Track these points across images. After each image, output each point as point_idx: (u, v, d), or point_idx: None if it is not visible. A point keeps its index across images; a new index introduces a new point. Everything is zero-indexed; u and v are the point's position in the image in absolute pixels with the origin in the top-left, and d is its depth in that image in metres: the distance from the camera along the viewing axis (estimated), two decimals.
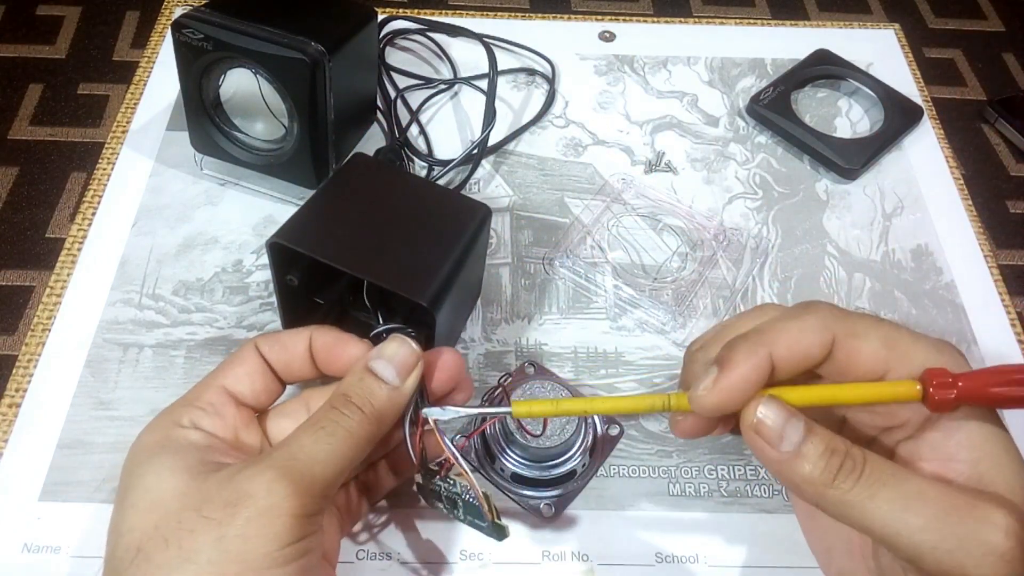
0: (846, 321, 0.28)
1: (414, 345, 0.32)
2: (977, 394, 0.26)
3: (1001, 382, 0.26)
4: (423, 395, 0.33)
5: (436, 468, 0.33)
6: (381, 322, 0.35)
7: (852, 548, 0.31)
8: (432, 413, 0.32)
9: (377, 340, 0.33)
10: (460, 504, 0.33)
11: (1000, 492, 0.26)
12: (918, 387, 0.27)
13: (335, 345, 0.33)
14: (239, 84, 0.45)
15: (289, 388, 0.35)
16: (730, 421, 0.33)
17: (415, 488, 0.34)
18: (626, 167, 0.53)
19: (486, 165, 0.52)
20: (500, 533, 0.32)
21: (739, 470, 0.40)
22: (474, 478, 0.32)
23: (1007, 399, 0.26)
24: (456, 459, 0.32)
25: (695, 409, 0.28)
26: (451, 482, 0.33)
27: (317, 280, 0.39)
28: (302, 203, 0.39)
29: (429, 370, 0.33)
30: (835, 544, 0.32)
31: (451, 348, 0.35)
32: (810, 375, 0.29)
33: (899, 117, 0.55)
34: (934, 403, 0.26)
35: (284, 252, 0.35)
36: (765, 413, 0.27)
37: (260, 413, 0.34)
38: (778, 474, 0.27)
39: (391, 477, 0.36)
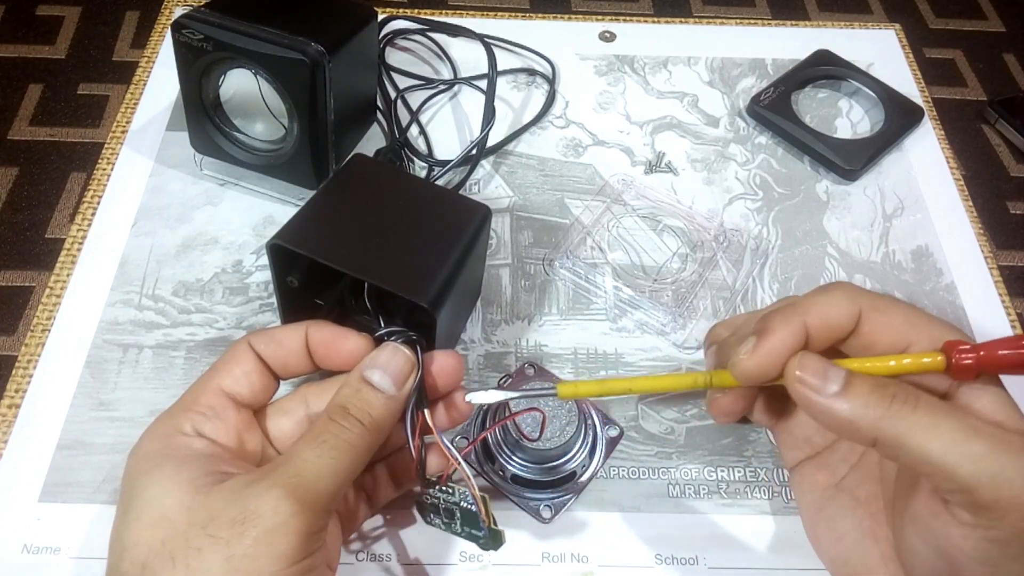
0: (870, 297, 0.30)
1: (407, 352, 0.32)
2: (995, 361, 0.27)
3: (1016, 347, 0.27)
4: (423, 397, 0.33)
5: (435, 479, 0.33)
6: (382, 324, 0.35)
7: (865, 532, 0.31)
8: (475, 398, 0.33)
9: (380, 343, 0.33)
10: (458, 514, 0.33)
11: None
12: (940, 357, 0.28)
13: (333, 340, 0.33)
14: (239, 84, 0.45)
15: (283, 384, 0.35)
16: (749, 404, 0.33)
17: (414, 507, 0.34)
18: (626, 168, 0.53)
19: (486, 165, 0.52)
20: (496, 541, 0.32)
21: (739, 472, 0.40)
22: (474, 482, 0.32)
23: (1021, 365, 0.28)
24: (453, 456, 0.32)
25: (736, 375, 0.29)
26: (450, 490, 0.33)
27: (317, 281, 0.39)
28: (302, 203, 0.39)
29: (428, 373, 0.33)
30: (847, 531, 0.32)
31: (451, 351, 0.34)
32: (835, 352, 0.30)
33: (899, 117, 0.55)
34: (958, 369, 0.28)
35: (284, 253, 0.35)
36: (805, 363, 0.28)
37: (258, 412, 0.34)
38: (829, 420, 0.28)
39: (391, 487, 0.36)
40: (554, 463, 0.37)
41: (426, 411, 0.32)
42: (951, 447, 0.26)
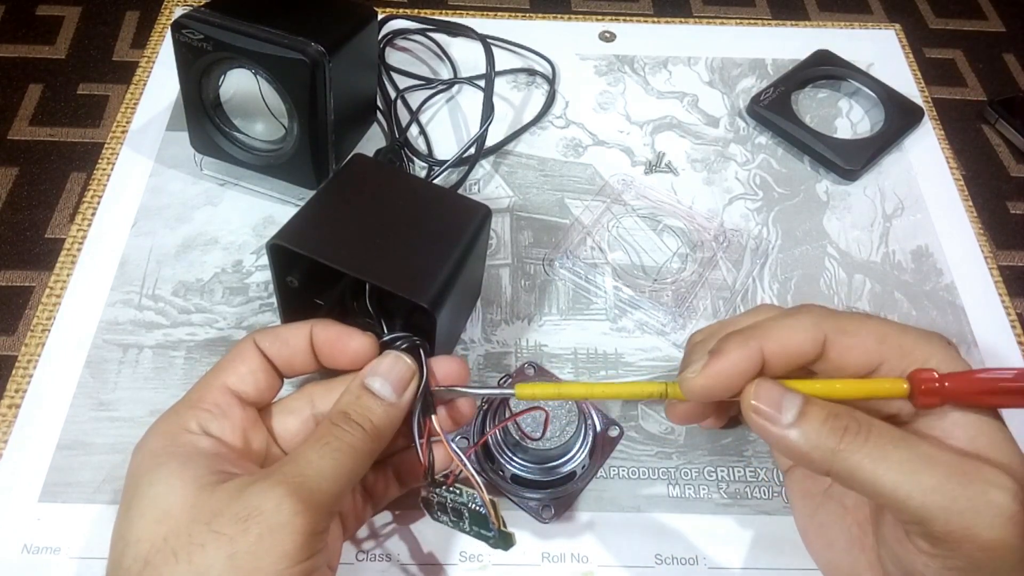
0: (837, 320, 0.29)
1: (409, 360, 0.32)
2: (962, 395, 0.27)
3: (985, 387, 0.27)
4: (429, 403, 0.33)
5: (442, 479, 0.33)
6: (383, 325, 0.35)
7: (853, 540, 0.31)
8: (437, 394, 0.33)
9: (386, 348, 0.33)
10: (466, 514, 0.33)
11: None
12: (905, 386, 0.28)
13: (338, 339, 0.33)
14: (239, 84, 0.45)
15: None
16: (723, 415, 0.33)
17: (420, 503, 0.34)
18: (626, 168, 0.53)
19: (486, 165, 0.52)
20: (507, 542, 0.32)
21: (739, 472, 0.40)
22: (482, 484, 0.31)
23: (989, 400, 0.27)
24: (463, 464, 0.32)
25: (683, 392, 0.29)
26: (457, 491, 0.32)
27: (317, 281, 0.38)
28: (302, 203, 0.39)
29: (432, 378, 0.33)
30: (836, 538, 0.32)
31: (455, 356, 0.34)
32: (806, 373, 0.30)
33: (899, 118, 0.55)
34: (920, 403, 0.27)
35: (284, 253, 0.35)
36: (760, 392, 0.28)
37: (262, 410, 0.34)
38: (785, 450, 0.28)
39: (395, 486, 0.36)
40: (554, 463, 0.37)
41: (433, 417, 0.32)
42: (902, 479, 0.25)
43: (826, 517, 0.33)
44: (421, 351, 0.33)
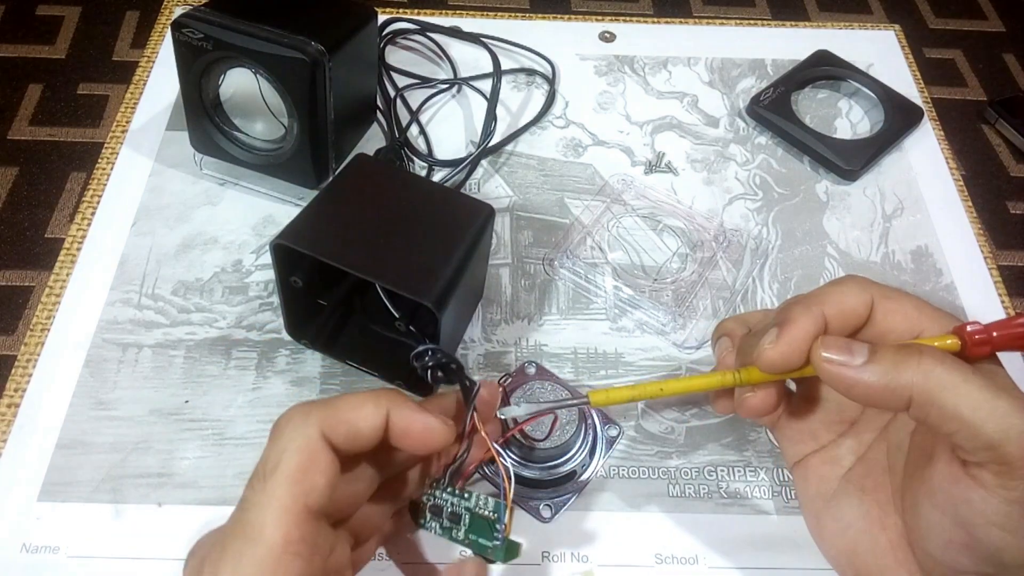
0: (880, 286, 0.31)
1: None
2: (1008, 337, 0.29)
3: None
4: (470, 402, 0.33)
5: (443, 481, 0.33)
6: (396, 328, 0.35)
7: (872, 521, 0.32)
8: (509, 412, 0.33)
9: (418, 359, 0.34)
10: (465, 520, 0.32)
11: None
12: (953, 339, 0.29)
13: (423, 431, 0.29)
14: (239, 84, 0.45)
15: None
16: (778, 401, 0.33)
17: (408, 508, 0.34)
18: (626, 168, 0.53)
19: (486, 165, 0.52)
20: (512, 552, 0.31)
21: (739, 472, 0.40)
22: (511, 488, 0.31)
23: None
24: (501, 458, 0.32)
25: (761, 366, 0.30)
26: (465, 495, 0.32)
27: (321, 281, 0.39)
28: (302, 203, 0.39)
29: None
30: (854, 521, 0.32)
31: (491, 382, 0.34)
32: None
33: (899, 118, 0.55)
34: (973, 352, 0.29)
35: (288, 253, 0.35)
36: (829, 342, 0.29)
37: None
38: (863, 391, 0.28)
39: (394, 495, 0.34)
40: (554, 463, 0.37)
41: (475, 414, 0.32)
42: (980, 403, 0.26)
43: (842, 501, 0.33)
44: (459, 366, 0.33)
